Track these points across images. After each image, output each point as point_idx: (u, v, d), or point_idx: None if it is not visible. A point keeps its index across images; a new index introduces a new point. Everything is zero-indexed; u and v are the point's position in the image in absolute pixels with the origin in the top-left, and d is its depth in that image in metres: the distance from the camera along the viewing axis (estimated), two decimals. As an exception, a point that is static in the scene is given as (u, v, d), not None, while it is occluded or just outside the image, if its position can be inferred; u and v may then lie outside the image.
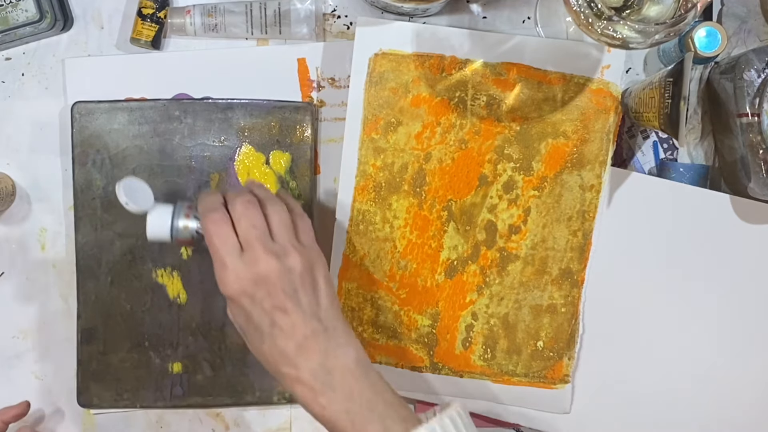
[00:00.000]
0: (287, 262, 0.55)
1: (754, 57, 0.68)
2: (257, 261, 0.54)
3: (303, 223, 0.59)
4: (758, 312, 0.74)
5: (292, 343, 0.55)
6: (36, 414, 0.75)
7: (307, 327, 0.55)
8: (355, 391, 0.55)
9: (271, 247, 0.55)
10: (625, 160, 0.77)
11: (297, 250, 0.55)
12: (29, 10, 0.72)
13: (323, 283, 0.57)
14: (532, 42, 0.74)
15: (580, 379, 0.75)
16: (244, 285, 0.55)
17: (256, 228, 0.55)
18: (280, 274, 0.54)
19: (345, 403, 0.54)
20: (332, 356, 0.55)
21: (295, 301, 0.55)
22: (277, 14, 0.74)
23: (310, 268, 0.56)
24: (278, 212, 0.57)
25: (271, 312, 0.55)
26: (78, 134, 0.74)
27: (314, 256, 0.57)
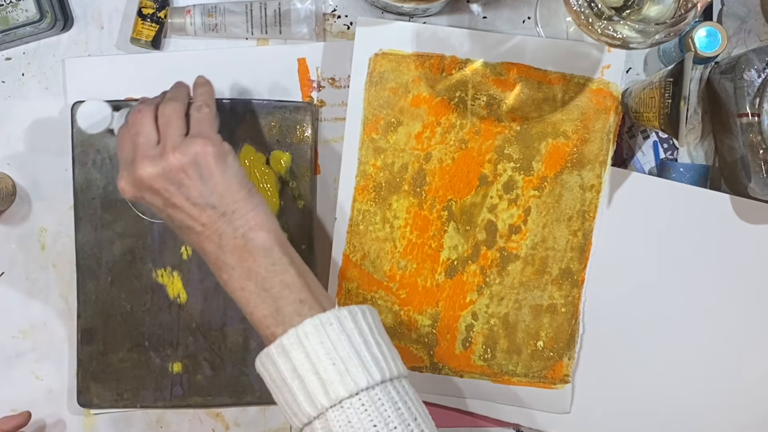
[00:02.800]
0: (165, 162, 0.58)
1: (754, 57, 0.68)
2: (136, 167, 0.58)
3: (199, 114, 0.61)
4: (758, 312, 0.74)
5: (193, 233, 0.59)
6: (36, 415, 0.75)
7: (201, 216, 0.58)
8: (252, 270, 0.57)
9: (147, 151, 0.58)
10: (625, 160, 0.77)
11: (177, 148, 0.58)
12: (29, 10, 0.72)
13: (217, 169, 0.58)
14: (532, 42, 0.74)
15: (580, 379, 0.75)
16: (133, 190, 0.60)
17: (139, 135, 0.59)
18: (158, 175, 0.58)
19: (241, 281, 0.57)
20: (231, 238, 0.58)
21: (183, 195, 0.58)
22: (277, 14, 0.74)
23: (194, 161, 0.58)
24: (166, 113, 0.60)
25: (164, 209, 0.59)
26: (78, 134, 0.74)
27: (200, 148, 0.58)
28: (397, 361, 0.57)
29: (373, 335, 0.56)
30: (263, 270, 0.57)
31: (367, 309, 0.58)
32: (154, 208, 0.60)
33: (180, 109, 0.61)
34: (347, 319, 0.56)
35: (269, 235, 0.58)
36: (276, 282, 0.57)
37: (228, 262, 0.58)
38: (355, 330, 0.55)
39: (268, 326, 0.57)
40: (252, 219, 0.58)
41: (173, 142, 0.58)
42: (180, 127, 0.59)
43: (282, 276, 0.57)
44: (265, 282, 0.57)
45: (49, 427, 0.77)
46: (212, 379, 0.75)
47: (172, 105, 0.61)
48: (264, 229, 0.58)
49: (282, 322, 0.56)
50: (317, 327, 0.55)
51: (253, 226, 0.58)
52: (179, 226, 0.60)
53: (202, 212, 0.58)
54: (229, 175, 0.58)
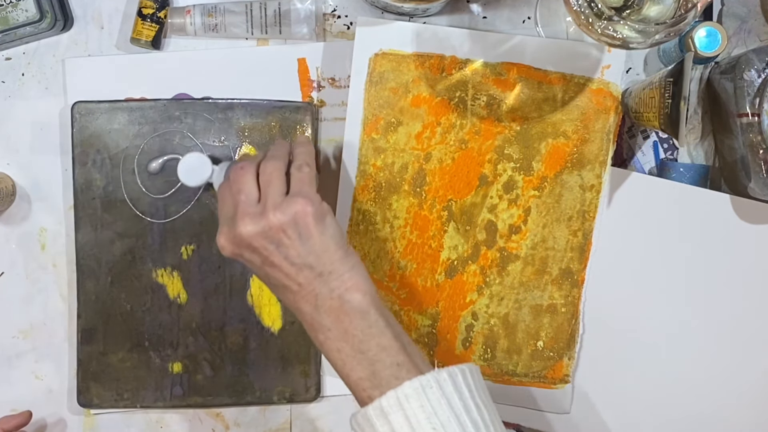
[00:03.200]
0: (266, 221, 0.58)
1: (754, 57, 0.68)
2: (237, 225, 0.58)
3: (300, 174, 0.61)
4: (758, 312, 0.74)
5: (289, 292, 0.59)
6: (36, 415, 0.75)
7: (299, 276, 0.58)
8: (348, 332, 0.57)
9: (248, 209, 0.59)
10: (625, 160, 0.77)
11: (278, 207, 0.58)
12: (29, 10, 0.72)
13: (315, 230, 0.58)
14: (532, 42, 0.74)
15: (580, 379, 0.75)
16: (232, 247, 0.60)
17: (241, 192, 0.59)
18: (258, 234, 0.58)
19: (338, 342, 0.57)
20: (327, 299, 0.57)
21: (281, 254, 0.58)
22: (277, 14, 0.74)
23: (294, 221, 0.58)
24: (267, 171, 0.60)
25: (262, 267, 0.59)
26: (78, 134, 0.74)
27: (301, 207, 0.58)
28: (496, 425, 0.56)
29: (473, 398, 0.55)
30: (359, 332, 0.57)
31: (467, 369, 0.57)
32: (252, 266, 0.60)
33: (281, 168, 0.60)
34: (447, 383, 0.55)
35: (365, 297, 0.57)
36: (373, 345, 0.56)
37: (324, 323, 0.57)
38: (455, 394, 0.55)
39: (364, 389, 0.56)
40: (348, 280, 0.58)
41: (274, 201, 0.58)
42: (281, 186, 0.59)
43: (378, 339, 0.57)
44: (361, 345, 0.56)
45: (49, 427, 0.77)
46: (212, 379, 0.75)
47: (273, 163, 0.60)
48: (360, 290, 0.58)
49: (379, 385, 0.55)
50: (417, 390, 0.54)
51: (350, 287, 0.57)
52: (275, 284, 0.59)
53: (299, 272, 0.58)
54: (328, 236, 0.58)
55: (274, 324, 0.75)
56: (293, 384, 0.75)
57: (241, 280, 0.75)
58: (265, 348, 0.75)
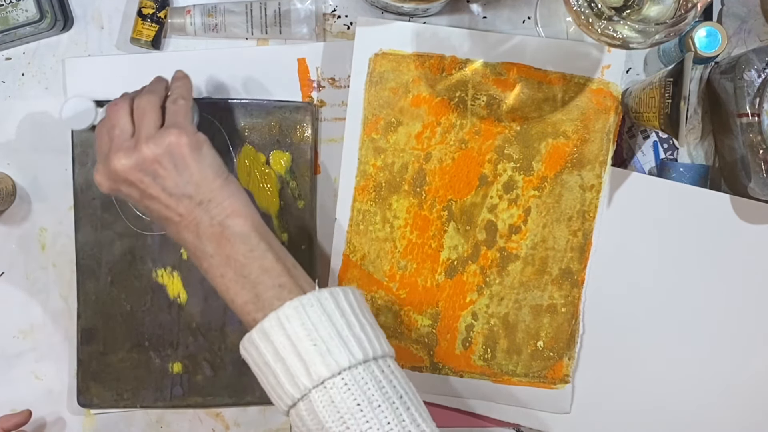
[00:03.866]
0: (139, 154, 0.58)
1: (754, 57, 0.68)
2: (110, 160, 0.59)
3: (174, 106, 0.61)
4: (758, 312, 0.74)
5: (171, 223, 0.59)
6: (36, 415, 0.75)
7: (179, 206, 0.59)
8: (231, 257, 0.58)
9: (122, 144, 0.59)
10: (625, 160, 0.77)
11: (150, 139, 0.58)
12: (29, 10, 0.72)
13: (192, 159, 0.58)
14: (532, 42, 0.74)
15: (580, 379, 0.75)
16: (109, 183, 0.60)
17: (114, 127, 0.60)
18: (133, 167, 0.58)
19: (221, 268, 0.58)
20: (208, 226, 0.58)
21: (158, 186, 0.58)
22: (277, 14, 0.74)
23: (168, 152, 0.58)
24: (141, 105, 0.61)
25: (141, 200, 0.60)
26: (78, 134, 0.74)
27: (174, 138, 0.58)
28: (381, 341, 0.57)
29: (355, 315, 0.56)
30: (241, 256, 0.57)
31: (349, 290, 0.58)
32: (131, 200, 0.61)
33: (155, 102, 0.61)
34: (328, 300, 0.56)
35: (246, 221, 0.58)
36: (254, 268, 0.57)
37: (207, 250, 0.58)
38: (337, 311, 0.56)
39: (248, 312, 0.57)
40: (228, 206, 0.59)
41: (147, 134, 0.59)
42: (154, 120, 0.60)
43: (260, 261, 0.58)
44: (243, 268, 0.57)
45: (49, 427, 0.77)
46: (212, 379, 0.75)
47: (147, 97, 0.61)
48: (241, 215, 0.59)
49: (262, 307, 0.56)
50: (297, 309, 0.55)
51: (230, 213, 0.58)
52: (157, 217, 0.60)
53: (178, 202, 0.58)
54: (205, 165, 0.59)
55: (274, 324, 0.75)
56: (293, 384, 0.75)
57: (241, 280, 0.75)
58: (265, 348, 0.75)
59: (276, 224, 0.74)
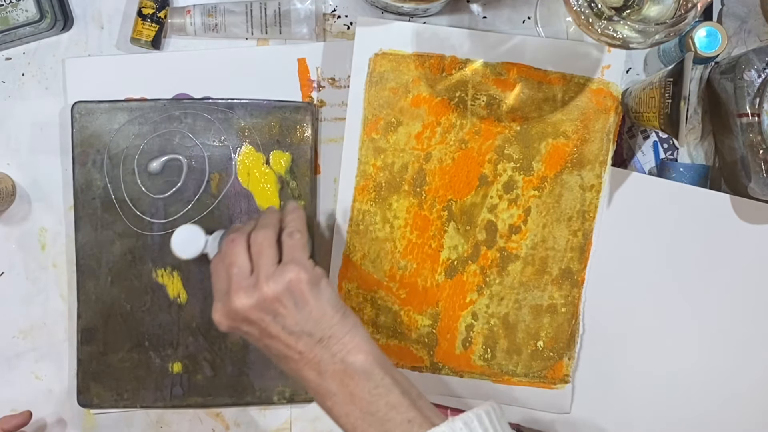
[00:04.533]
0: (260, 294, 0.57)
1: (755, 57, 0.68)
2: (231, 299, 0.58)
3: (291, 241, 0.61)
4: (758, 312, 0.74)
5: (291, 361, 0.58)
6: (36, 415, 0.75)
7: (298, 344, 0.57)
8: (355, 395, 0.56)
9: (241, 282, 0.58)
10: (625, 160, 0.77)
11: (270, 278, 0.57)
12: (29, 10, 0.72)
13: (311, 296, 0.58)
14: (532, 42, 0.74)
15: (580, 379, 0.75)
16: (228, 322, 0.59)
17: (233, 265, 0.59)
18: (254, 307, 0.57)
19: (345, 406, 0.56)
20: (329, 364, 0.57)
21: (278, 324, 0.57)
22: (277, 14, 0.74)
23: (288, 290, 0.57)
24: (258, 241, 0.60)
25: (261, 339, 0.59)
26: (78, 134, 0.74)
27: (294, 275, 0.57)
28: None
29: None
30: (366, 394, 0.56)
31: (483, 412, 0.56)
32: (251, 338, 0.60)
33: (272, 237, 0.60)
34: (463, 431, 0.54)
35: (368, 358, 0.57)
36: (381, 405, 0.56)
37: (330, 388, 0.57)
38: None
39: None
40: (349, 342, 0.57)
41: (267, 272, 0.58)
42: (272, 256, 0.59)
43: (386, 398, 0.56)
44: (370, 406, 0.56)
45: (49, 427, 0.77)
46: (212, 379, 0.75)
47: (263, 233, 0.60)
48: (363, 351, 0.57)
49: None
50: None
51: (351, 349, 0.57)
52: (276, 355, 0.59)
53: (298, 340, 0.57)
54: (324, 301, 0.58)
55: (274, 324, 0.75)
56: (293, 384, 0.75)
57: (241, 280, 0.75)
58: (265, 348, 0.75)
59: (276, 224, 0.74)
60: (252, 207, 0.74)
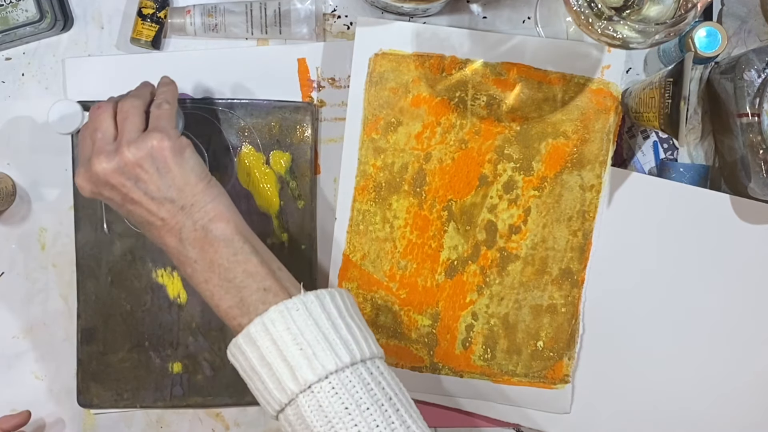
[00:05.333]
0: (121, 158, 0.58)
1: (755, 57, 0.68)
2: (92, 163, 0.58)
3: (158, 111, 0.61)
4: (758, 312, 0.74)
5: (154, 228, 0.59)
6: (36, 415, 0.75)
7: (160, 210, 0.58)
8: (214, 262, 0.57)
9: (104, 147, 0.59)
10: (625, 160, 0.77)
11: (132, 143, 0.58)
12: (29, 10, 0.72)
13: (174, 163, 0.58)
14: (532, 42, 0.74)
15: (580, 379, 0.75)
16: (90, 186, 0.60)
17: (97, 131, 0.60)
18: (114, 171, 0.58)
19: (204, 273, 0.57)
20: (191, 230, 0.58)
21: (140, 190, 0.58)
22: (277, 14, 0.74)
23: (150, 155, 0.58)
24: (124, 109, 0.61)
25: (123, 205, 0.59)
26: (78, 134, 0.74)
27: (157, 142, 0.58)
28: (369, 342, 0.56)
29: (342, 318, 0.56)
30: (225, 261, 0.57)
31: (336, 292, 0.58)
32: (113, 204, 0.60)
33: (138, 105, 0.61)
34: (314, 304, 0.56)
35: (228, 225, 0.58)
36: (239, 272, 0.57)
37: (190, 255, 0.58)
38: (323, 314, 0.55)
39: (234, 317, 0.57)
40: (211, 210, 0.58)
41: (129, 137, 0.58)
42: (137, 123, 0.60)
43: (244, 265, 0.57)
44: (227, 273, 0.57)
45: (49, 427, 0.77)
46: (212, 379, 0.75)
47: (131, 101, 0.61)
48: (224, 219, 0.58)
49: (247, 312, 0.56)
50: (282, 313, 0.55)
51: (213, 217, 0.58)
52: (139, 221, 0.60)
53: (160, 206, 0.58)
54: (187, 169, 0.59)
55: (274, 324, 0.75)
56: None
57: (241, 280, 0.75)
58: (265, 348, 0.75)
59: (276, 224, 0.74)
60: (252, 207, 0.74)
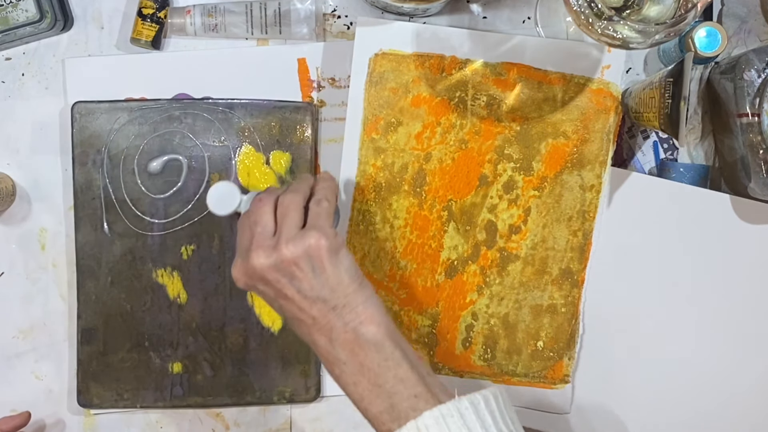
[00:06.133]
0: (279, 254, 0.58)
1: (754, 57, 0.68)
2: (250, 257, 0.59)
3: (317, 208, 0.61)
4: (758, 312, 0.74)
5: (304, 325, 0.59)
6: (36, 415, 0.75)
7: (312, 309, 0.58)
8: (365, 365, 0.57)
9: (263, 242, 0.59)
10: (625, 160, 0.77)
11: (291, 240, 0.58)
12: (29, 10, 0.72)
13: (329, 263, 0.58)
14: (532, 42, 0.74)
15: (580, 379, 0.75)
16: (245, 279, 0.60)
17: (257, 224, 0.60)
18: (271, 267, 0.58)
19: (354, 376, 0.57)
20: (341, 332, 0.57)
21: (294, 287, 0.58)
22: (277, 14, 0.74)
23: (307, 254, 0.58)
24: (285, 204, 0.60)
25: (276, 300, 0.60)
26: (78, 134, 0.74)
27: (314, 241, 0.58)
28: None
29: (496, 425, 0.55)
30: (375, 365, 0.56)
31: (491, 395, 0.56)
32: (266, 298, 0.60)
33: (298, 202, 0.61)
34: (469, 410, 0.54)
35: (380, 329, 0.57)
36: (389, 377, 0.56)
37: (340, 357, 0.57)
38: (477, 422, 0.54)
39: (383, 422, 0.56)
40: (362, 313, 0.58)
41: (288, 234, 0.58)
42: (296, 219, 0.59)
43: (395, 371, 0.56)
44: (378, 378, 0.56)
45: (49, 427, 0.77)
46: (212, 379, 0.75)
47: (291, 196, 0.61)
48: (375, 323, 0.58)
49: (398, 417, 0.55)
50: (437, 419, 0.53)
51: (364, 320, 0.57)
52: (290, 318, 0.60)
53: (312, 305, 0.58)
54: (341, 270, 0.58)
55: (274, 324, 0.75)
56: (293, 384, 0.75)
57: (241, 280, 0.75)
58: (265, 348, 0.75)
59: (276, 224, 0.74)
60: (252, 207, 0.74)
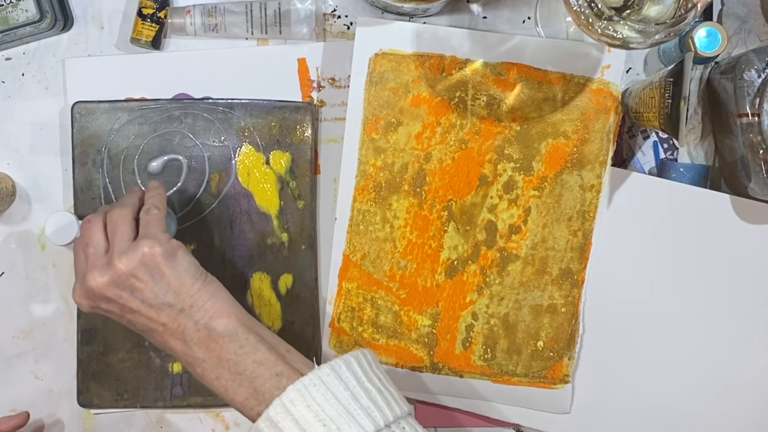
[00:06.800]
0: (113, 270, 0.58)
1: (755, 57, 0.68)
2: (87, 280, 0.59)
3: (147, 217, 0.61)
4: (758, 312, 0.74)
5: (157, 334, 0.59)
6: (36, 415, 0.75)
7: (160, 316, 0.58)
8: (223, 358, 0.57)
9: (97, 261, 0.59)
10: (625, 160, 0.77)
11: (123, 253, 0.58)
12: (29, 10, 0.72)
13: (167, 268, 0.58)
14: (532, 42, 0.74)
15: (580, 379, 0.75)
16: (88, 302, 0.60)
17: (89, 245, 0.60)
18: (108, 284, 0.58)
19: (215, 370, 0.57)
20: (193, 332, 0.58)
21: (137, 299, 0.58)
22: (277, 14, 0.74)
23: (142, 263, 0.58)
24: (113, 220, 0.61)
25: (123, 315, 0.59)
26: (78, 134, 0.74)
27: (148, 249, 0.58)
28: (392, 404, 0.56)
29: (361, 384, 0.56)
30: (233, 355, 0.57)
31: (352, 357, 0.57)
32: (114, 316, 0.60)
33: (126, 214, 0.61)
34: (330, 376, 0.55)
35: (230, 320, 0.58)
36: (248, 363, 0.57)
37: (197, 355, 0.58)
38: (340, 385, 0.55)
39: (251, 408, 0.56)
40: (211, 308, 0.58)
41: (120, 248, 0.58)
42: (126, 232, 0.60)
43: (253, 356, 0.57)
44: (237, 366, 0.57)
45: (49, 427, 0.77)
46: (212, 379, 0.75)
47: (118, 211, 0.61)
48: (224, 315, 0.58)
49: (264, 400, 0.56)
50: (300, 391, 0.54)
51: (213, 314, 0.58)
52: (141, 329, 0.60)
53: (160, 312, 0.58)
54: (181, 271, 0.59)
55: (274, 324, 0.75)
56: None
57: (241, 280, 0.75)
58: (265, 348, 0.75)
59: (276, 224, 0.74)
60: (252, 207, 0.74)
